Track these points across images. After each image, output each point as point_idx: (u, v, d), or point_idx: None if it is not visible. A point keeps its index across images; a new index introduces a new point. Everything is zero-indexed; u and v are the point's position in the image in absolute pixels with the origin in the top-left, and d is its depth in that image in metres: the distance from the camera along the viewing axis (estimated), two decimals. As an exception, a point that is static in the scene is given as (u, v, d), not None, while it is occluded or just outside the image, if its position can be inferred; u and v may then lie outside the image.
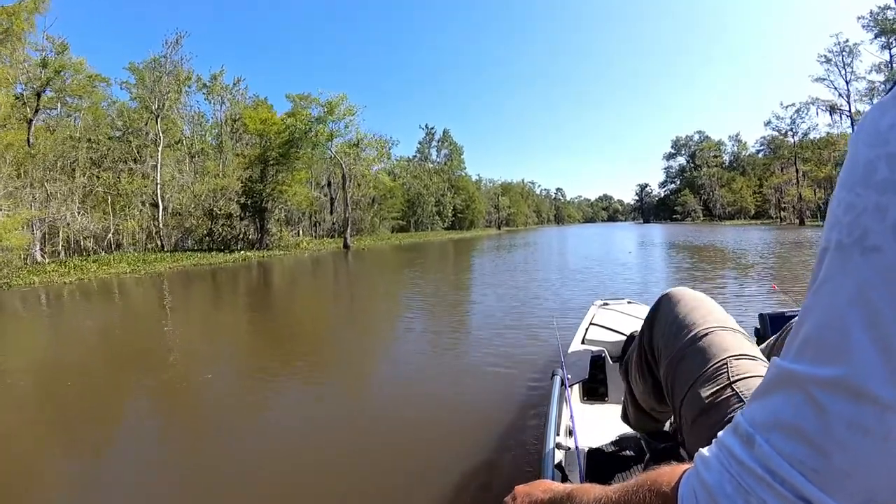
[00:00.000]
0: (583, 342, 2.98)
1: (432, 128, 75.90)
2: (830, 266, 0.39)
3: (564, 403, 2.15)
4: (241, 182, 30.43)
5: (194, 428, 3.65)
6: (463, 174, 77.35)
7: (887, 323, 0.34)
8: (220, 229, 29.74)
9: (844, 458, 0.36)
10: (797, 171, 54.59)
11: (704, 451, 0.47)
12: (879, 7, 36.71)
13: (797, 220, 52.86)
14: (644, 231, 50.54)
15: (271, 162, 29.67)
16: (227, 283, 14.53)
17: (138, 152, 31.13)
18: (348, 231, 31.86)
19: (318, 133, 28.96)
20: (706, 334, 1.06)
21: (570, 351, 2.85)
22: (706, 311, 1.13)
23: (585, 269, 13.05)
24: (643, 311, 3.66)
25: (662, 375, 1.14)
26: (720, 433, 0.46)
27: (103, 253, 26.05)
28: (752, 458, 0.41)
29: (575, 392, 2.50)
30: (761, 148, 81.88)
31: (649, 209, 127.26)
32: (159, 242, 29.21)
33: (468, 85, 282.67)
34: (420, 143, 75.05)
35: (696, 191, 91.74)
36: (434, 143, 75.62)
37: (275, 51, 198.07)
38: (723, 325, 1.08)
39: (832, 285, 0.39)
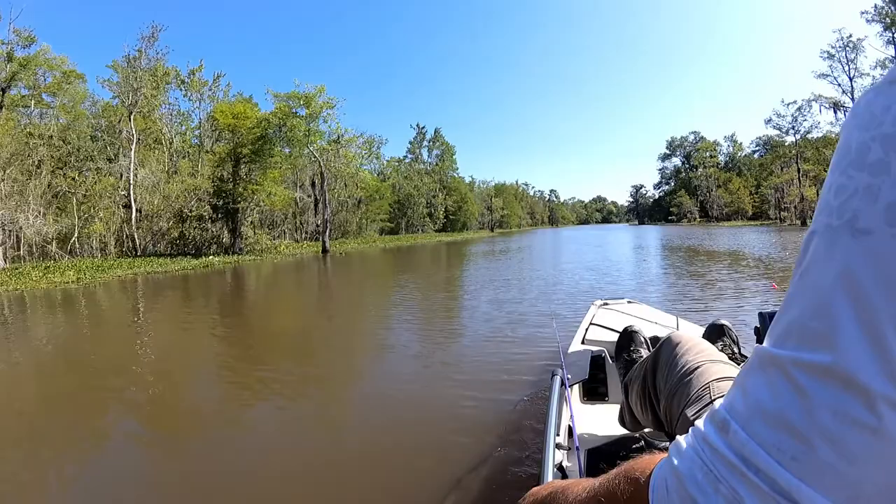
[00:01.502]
0: (583, 342, 2.95)
1: (423, 127, 74.32)
2: (818, 250, 0.38)
3: (564, 403, 2.12)
4: (212, 181, 28.51)
5: None
6: (455, 175, 75.65)
7: (877, 309, 0.33)
8: (192, 232, 27.85)
9: (829, 448, 0.34)
10: (799, 170, 53.13)
11: (681, 439, 0.45)
12: (885, 1, 35.30)
13: (799, 221, 51.50)
14: (641, 233, 49.09)
15: (244, 159, 27.67)
16: (169, 296, 12.59)
17: (108, 150, 29.40)
18: (327, 234, 29.76)
19: (292, 128, 26.90)
20: (696, 367, 1.21)
21: (570, 351, 2.86)
22: (698, 350, 1.30)
23: (595, 288, 10.08)
24: (643, 310, 3.74)
25: (661, 410, 1.30)
26: (697, 421, 0.45)
27: (67, 258, 24.37)
28: (726, 444, 0.39)
29: (575, 392, 2.47)
30: (757, 148, 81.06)
31: (644, 210, 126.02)
32: (131, 246, 27.56)
33: (461, 85, 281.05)
34: (411, 142, 73.39)
35: (692, 192, 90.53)
36: (425, 143, 74.02)
37: (263, 51, 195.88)
38: (710, 358, 1.24)
39: (819, 269, 0.37)
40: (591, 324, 3.26)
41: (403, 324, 7.50)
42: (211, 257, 24.67)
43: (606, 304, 4.02)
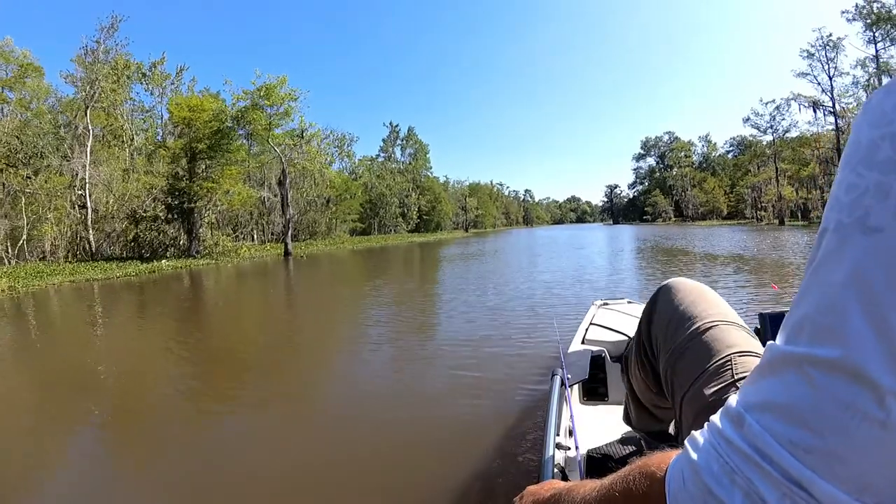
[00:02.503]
0: (583, 342, 2.90)
1: (397, 126, 72.61)
2: (829, 246, 0.39)
3: (564, 403, 2.08)
4: (166, 178, 26.27)
5: None
6: (429, 174, 74.03)
7: (887, 305, 0.34)
8: (147, 234, 25.70)
9: (839, 440, 0.35)
10: (777, 169, 52.78)
11: (696, 433, 0.47)
12: (865, 0, 34.76)
13: (777, 221, 51.15)
14: (620, 233, 47.84)
15: (200, 155, 25.42)
16: (91, 309, 10.55)
17: (64, 146, 27.08)
18: (289, 236, 27.61)
19: (251, 121, 24.72)
20: (709, 328, 1.02)
21: (569, 351, 2.82)
22: (708, 303, 1.09)
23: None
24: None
25: (662, 370, 1.10)
26: (712, 416, 0.46)
27: (14, 262, 22.63)
28: (741, 437, 0.40)
29: (575, 392, 2.47)
30: (731, 149, 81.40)
31: (618, 210, 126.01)
32: (87, 248, 25.52)
33: (436, 84, 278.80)
34: (384, 140, 71.79)
35: (667, 191, 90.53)
36: (399, 142, 72.42)
37: (245, 55, 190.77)
38: (726, 319, 1.04)
39: (830, 266, 0.38)
40: (591, 324, 3.19)
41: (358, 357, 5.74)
42: (163, 261, 22.71)
43: (606, 304, 3.94)
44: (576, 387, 2.47)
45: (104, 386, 4.98)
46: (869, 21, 34.95)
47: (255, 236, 39.69)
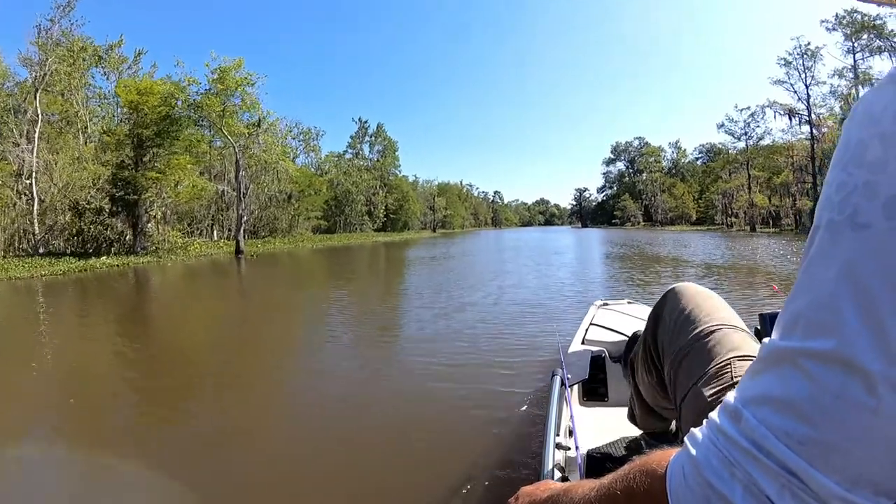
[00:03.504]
0: (583, 342, 2.86)
1: (366, 122, 70.53)
2: (821, 244, 0.40)
3: (564, 404, 2.09)
4: (109, 167, 23.73)
5: None
6: (397, 173, 72.09)
7: (877, 298, 0.35)
8: (91, 228, 23.14)
9: (832, 431, 0.36)
10: (749, 176, 52.67)
11: (695, 430, 0.47)
12: (846, 10, 34.47)
13: (748, 227, 51.06)
14: (592, 236, 46.81)
15: (147, 143, 22.92)
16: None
17: (14, 132, 24.58)
18: (241, 232, 25.18)
19: (205, 107, 22.32)
20: (712, 332, 1.05)
21: (569, 351, 2.80)
22: (712, 307, 1.12)
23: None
24: (643, 310, 3.67)
25: (666, 371, 1.14)
26: (711, 413, 0.47)
27: None
28: (739, 431, 0.41)
29: (575, 392, 2.45)
30: (700, 155, 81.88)
31: (587, 213, 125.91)
32: (31, 242, 23.32)
33: (407, 83, 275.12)
34: (352, 136, 69.57)
35: (637, 196, 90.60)
36: (367, 138, 70.25)
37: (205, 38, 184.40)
38: (729, 323, 1.07)
39: (822, 262, 0.39)
40: (591, 324, 3.06)
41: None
42: (101, 258, 20.39)
43: (606, 304, 3.81)
44: (576, 387, 2.44)
45: None
46: (849, 31, 34.62)
47: (215, 232, 37.18)
